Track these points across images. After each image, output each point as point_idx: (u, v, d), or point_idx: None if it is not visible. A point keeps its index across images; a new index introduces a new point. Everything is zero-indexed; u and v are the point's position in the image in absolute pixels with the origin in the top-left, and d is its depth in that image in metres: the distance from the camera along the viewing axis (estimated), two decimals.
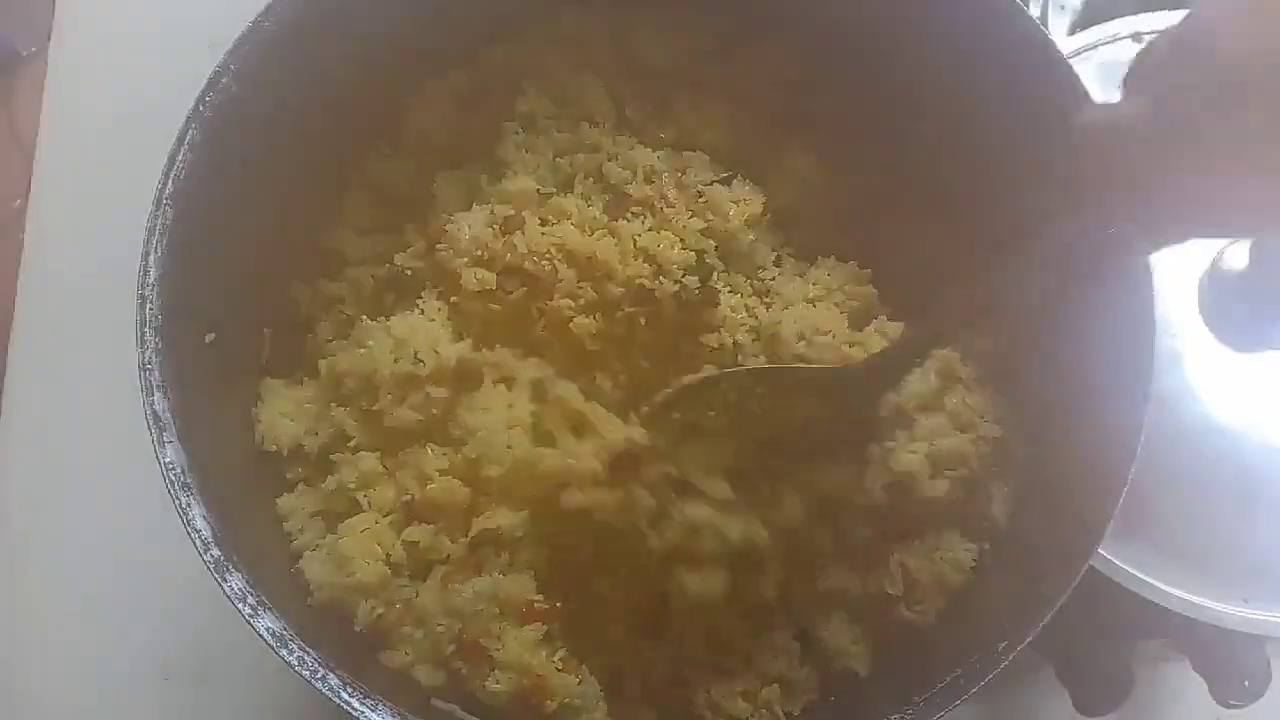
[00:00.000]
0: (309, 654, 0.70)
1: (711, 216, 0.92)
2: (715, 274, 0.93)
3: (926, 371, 0.89)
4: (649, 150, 0.97)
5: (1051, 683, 1.06)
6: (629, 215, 0.92)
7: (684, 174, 0.95)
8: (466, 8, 0.95)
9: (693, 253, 0.91)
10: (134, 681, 1.14)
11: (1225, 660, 1.00)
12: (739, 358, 0.91)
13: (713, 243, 0.92)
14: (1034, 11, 1.20)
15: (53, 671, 1.15)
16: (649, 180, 0.94)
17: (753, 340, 0.92)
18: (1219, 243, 0.95)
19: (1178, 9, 1.06)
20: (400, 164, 1.00)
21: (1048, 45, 0.83)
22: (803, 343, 0.90)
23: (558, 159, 0.97)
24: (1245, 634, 0.94)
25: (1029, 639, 0.72)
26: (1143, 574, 0.92)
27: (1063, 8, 1.21)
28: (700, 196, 0.94)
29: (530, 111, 0.98)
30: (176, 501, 0.72)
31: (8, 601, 1.18)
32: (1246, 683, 1.00)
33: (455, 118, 0.99)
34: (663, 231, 0.91)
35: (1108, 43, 1.04)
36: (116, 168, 0.90)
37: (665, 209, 0.92)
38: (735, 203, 0.94)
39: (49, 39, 1.40)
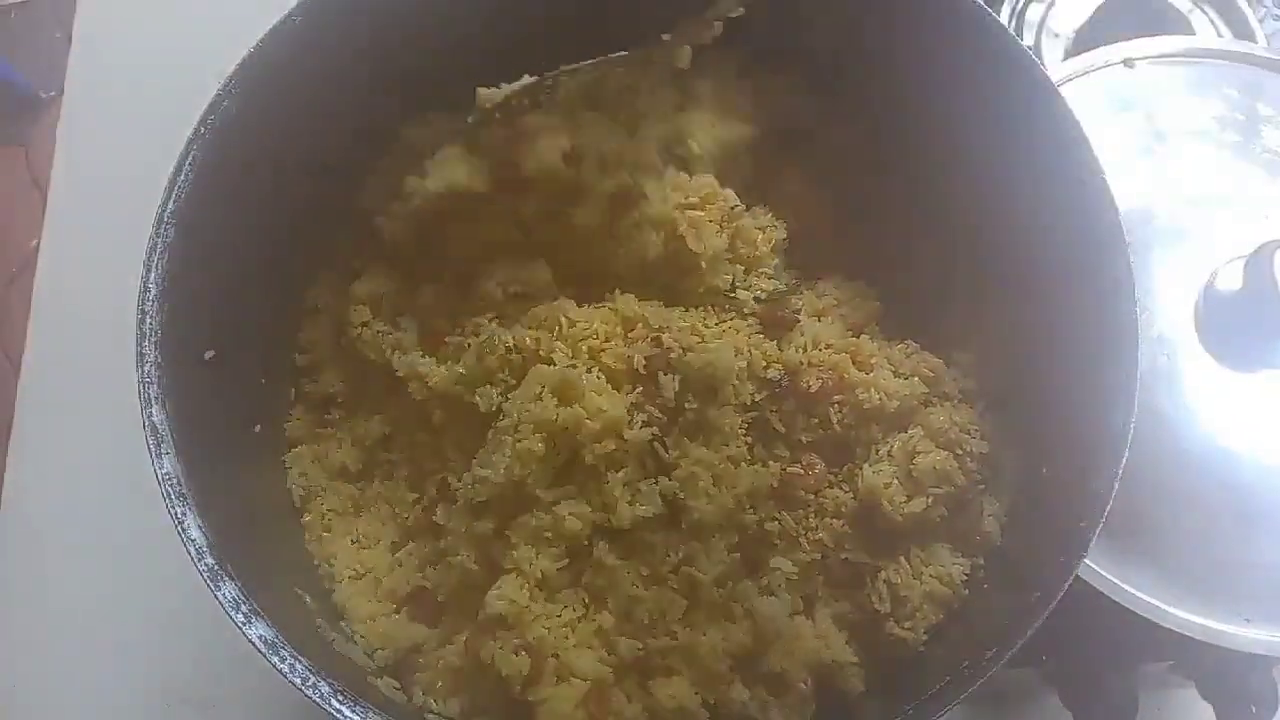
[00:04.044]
0: (300, 662, 0.71)
1: (741, 245, 0.95)
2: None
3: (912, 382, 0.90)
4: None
5: (1056, 709, 1.05)
6: None
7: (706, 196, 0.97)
8: (467, 45, 0.96)
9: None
10: (135, 708, 1.14)
11: (1231, 685, 0.99)
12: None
13: (741, 268, 0.94)
14: (1027, 38, 1.22)
15: (54, 698, 1.16)
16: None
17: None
18: (1214, 263, 0.96)
19: (1166, 33, 1.08)
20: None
21: (1037, 70, 0.84)
22: (803, 354, 0.91)
23: None
24: (1249, 656, 0.93)
25: (1016, 647, 0.72)
26: (1143, 594, 0.91)
27: (1056, 35, 1.23)
28: (729, 220, 0.96)
29: None
30: (172, 512, 0.73)
31: (9, 628, 1.18)
32: (1253, 708, 0.99)
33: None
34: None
35: (1099, 69, 1.05)
36: (126, 197, 0.92)
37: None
38: (761, 230, 0.96)
39: None
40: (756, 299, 0.96)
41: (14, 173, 1.67)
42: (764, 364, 0.91)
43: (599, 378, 0.89)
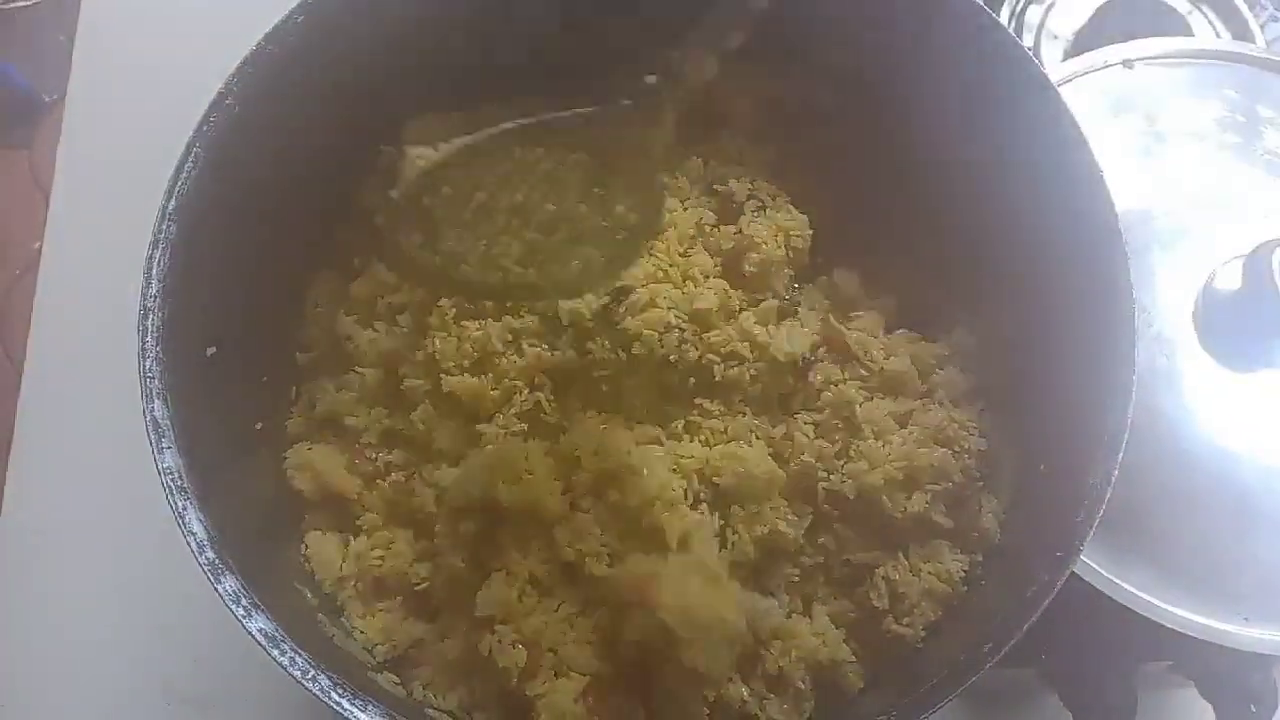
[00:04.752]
0: (300, 655, 0.71)
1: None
2: None
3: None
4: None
5: (1056, 708, 1.06)
6: None
7: None
8: (469, 44, 0.97)
9: None
10: (136, 707, 1.15)
11: (1230, 684, 0.99)
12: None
13: None
14: (1027, 40, 1.23)
15: (55, 697, 1.16)
16: None
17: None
18: (1214, 263, 0.96)
19: (1165, 35, 1.08)
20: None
21: (1037, 71, 0.84)
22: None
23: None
24: (1248, 654, 0.93)
25: (1013, 642, 0.72)
26: (1143, 593, 0.91)
27: (1055, 36, 1.24)
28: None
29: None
30: (173, 506, 0.73)
31: (9, 628, 1.19)
32: (1253, 708, 0.99)
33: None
34: None
35: (1099, 69, 1.05)
36: (128, 199, 0.92)
37: None
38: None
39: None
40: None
41: (16, 175, 1.67)
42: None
43: None
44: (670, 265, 0.92)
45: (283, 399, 0.99)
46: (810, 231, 0.95)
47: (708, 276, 0.93)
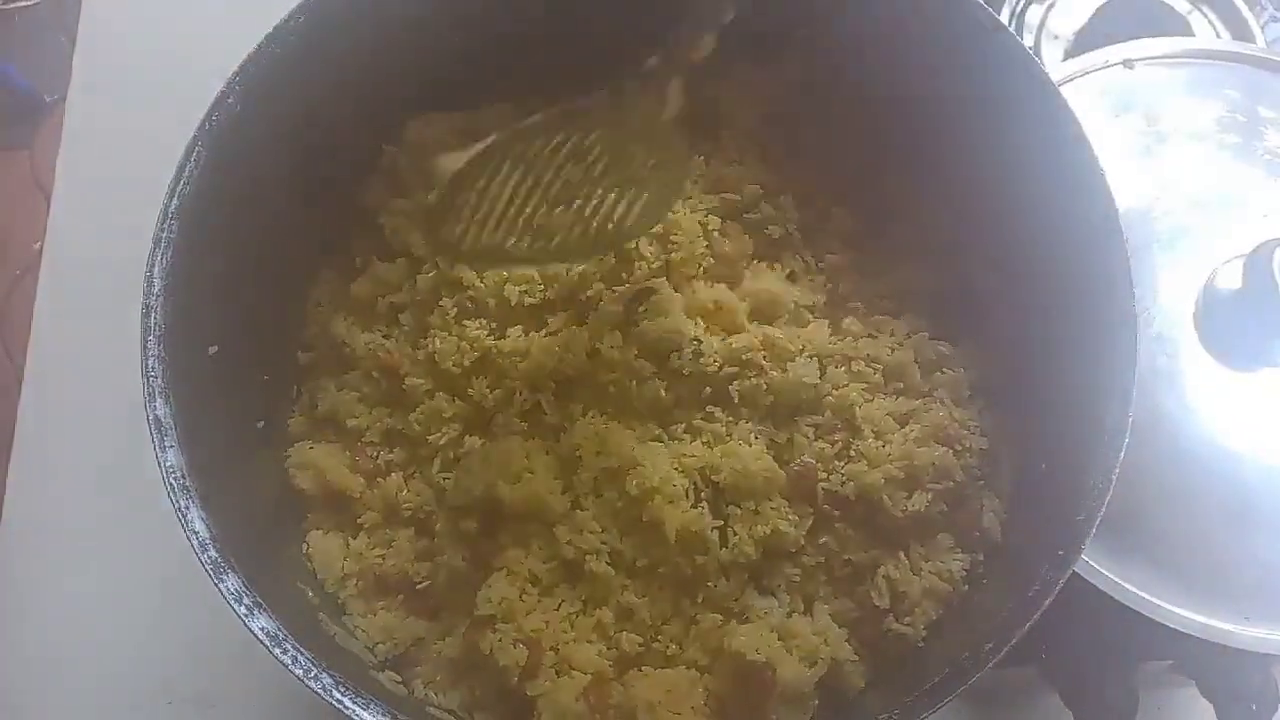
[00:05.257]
0: (303, 653, 0.71)
1: None
2: None
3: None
4: None
5: (1057, 708, 1.05)
6: None
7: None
8: (469, 43, 0.97)
9: None
10: (137, 706, 1.15)
11: (1231, 683, 0.99)
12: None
13: None
14: (1027, 40, 1.23)
15: (55, 696, 1.16)
16: None
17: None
18: (1214, 261, 0.96)
19: (1165, 35, 1.08)
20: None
21: (1037, 70, 0.84)
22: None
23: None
24: (1248, 654, 0.93)
25: (1014, 640, 0.72)
26: (1144, 593, 0.91)
27: (1056, 36, 1.24)
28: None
29: None
30: (176, 504, 0.73)
31: (10, 626, 1.19)
32: (1253, 706, 0.99)
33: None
34: None
35: (1099, 69, 1.05)
36: (128, 199, 0.92)
37: None
38: None
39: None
40: None
41: (17, 175, 1.68)
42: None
43: None
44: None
45: (284, 398, 0.99)
46: None
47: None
